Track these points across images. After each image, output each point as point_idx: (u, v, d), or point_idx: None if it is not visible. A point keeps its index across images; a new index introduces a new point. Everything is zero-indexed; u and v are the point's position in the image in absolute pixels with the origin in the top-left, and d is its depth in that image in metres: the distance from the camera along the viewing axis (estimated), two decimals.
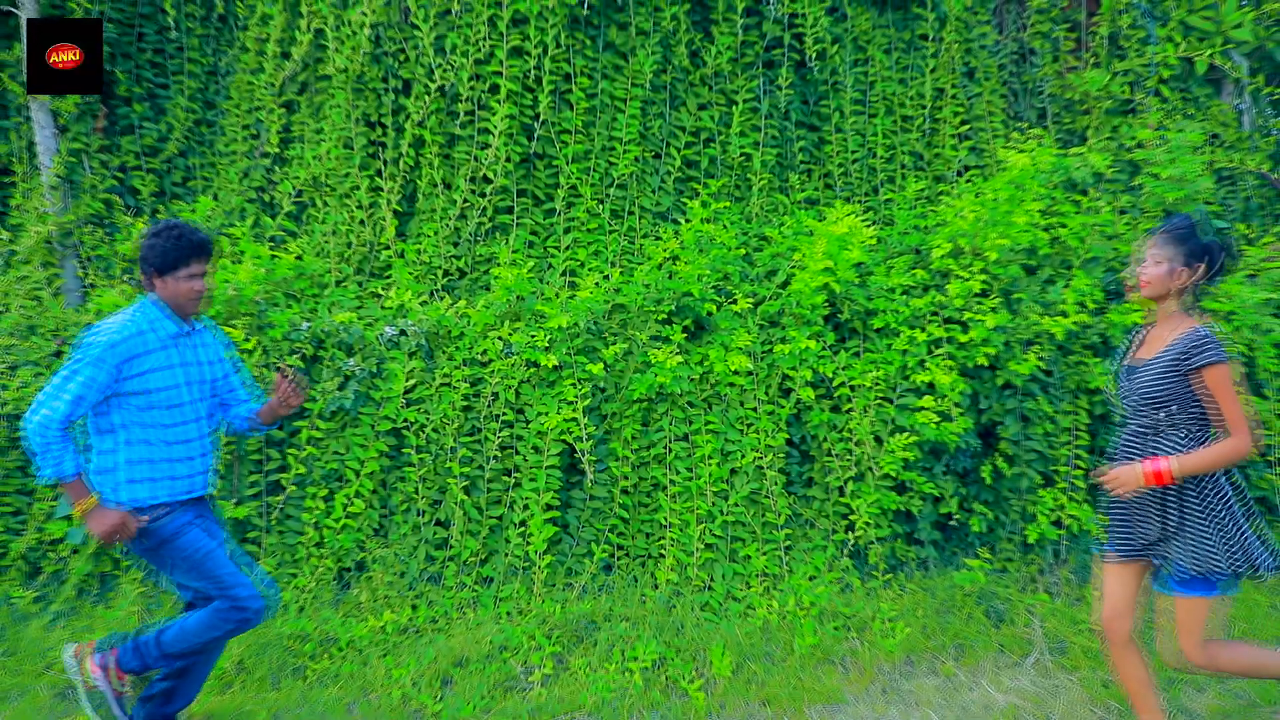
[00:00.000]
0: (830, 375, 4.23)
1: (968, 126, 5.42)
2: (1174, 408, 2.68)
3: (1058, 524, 4.46)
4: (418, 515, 4.26)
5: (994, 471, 4.42)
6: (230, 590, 2.90)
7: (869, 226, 4.76)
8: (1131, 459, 2.76)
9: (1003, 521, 4.50)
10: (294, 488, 4.25)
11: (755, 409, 4.26)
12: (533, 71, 4.70)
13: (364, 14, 4.74)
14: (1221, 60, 5.42)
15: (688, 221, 4.78)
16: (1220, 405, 2.61)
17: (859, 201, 5.28)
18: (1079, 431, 4.44)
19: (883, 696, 3.51)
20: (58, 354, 4.76)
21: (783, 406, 4.24)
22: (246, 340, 4.22)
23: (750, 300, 4.35)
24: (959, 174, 5.36)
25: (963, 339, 4.24)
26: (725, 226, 4.77)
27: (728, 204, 4.99)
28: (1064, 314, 4.29)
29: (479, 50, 4.63)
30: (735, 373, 4.23)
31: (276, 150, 5.19)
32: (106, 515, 2.78)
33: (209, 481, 3.08)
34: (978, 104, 5.42)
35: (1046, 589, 4.31)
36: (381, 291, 4.74)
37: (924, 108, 5.34)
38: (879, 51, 5.34)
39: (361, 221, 4.92)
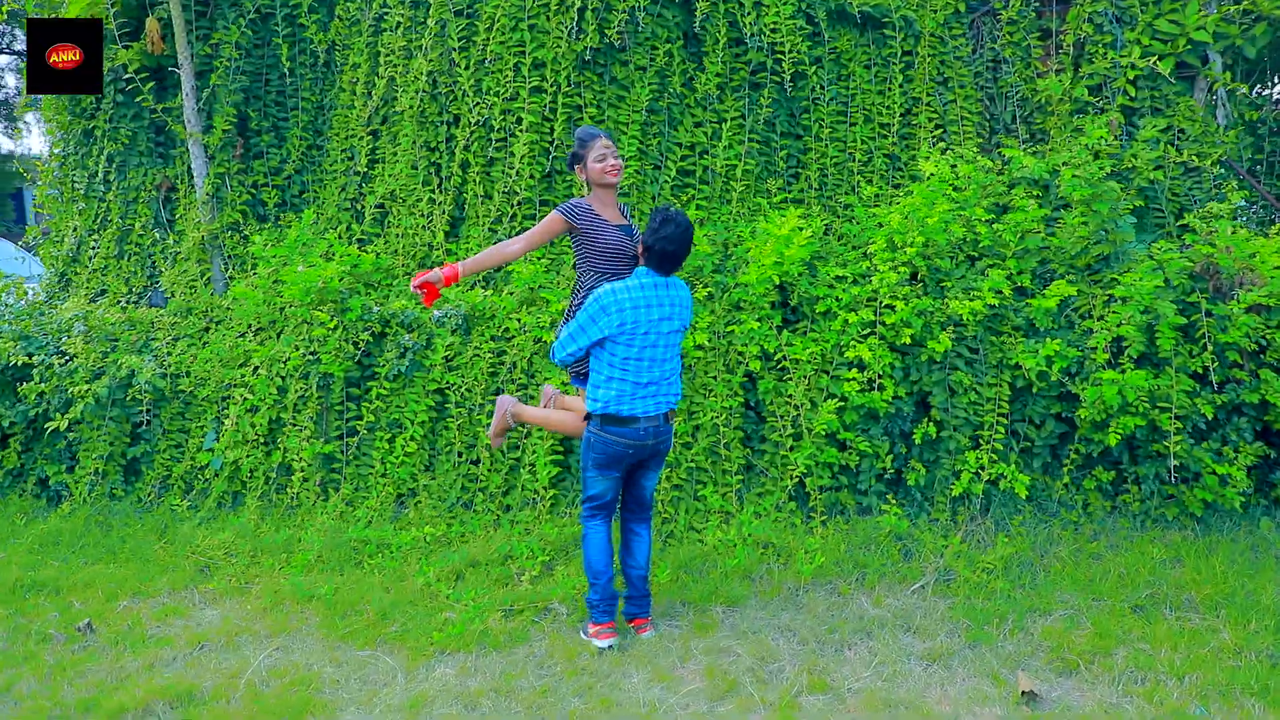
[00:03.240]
0: (774, 351, 5.14)
1: (941, 130, 6.09)
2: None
3: (992, 482, 5.20)
4: (456, 455, 5.52)
5: (926, 435, 5.19)
6: None
7: (844, 223, 5.62)
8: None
9: (936, 477, 5.27)
10: (366, 431, 5.61)
11: (715, 377, 5.24)
12: (549, 105, 5.81)
13: (423, 63, 5.99)
14: (1192, 60, 5.81)
15: None
16: None
17: (838, 201, 6.09)
18: (1001, 401, 5.14)
19: (779, 603, 4.46)
20: (206, 329, 6.34)
21: (735, 375, 5.20)
22: (331, 320, 5.59)
23: (713, 288, 5.31)
24: (930, 174, 6.04)
25: (889, 320, 5.04)
26: (711, 224, 5.73)
27: (713, 206, 5.94)
28: (980, 298, 4.99)
29: (506, 90, 5.80)
30: (698, 347, 5.21)
31: (365, 169, 6.57)
32: None
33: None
34: (951, 110, 6.08)
35: (964, 535, 5.07)
36: None
37: (898, 116, 6.05)
38: (859, 67, 6.09)
39: (424, 226, 6.21)
